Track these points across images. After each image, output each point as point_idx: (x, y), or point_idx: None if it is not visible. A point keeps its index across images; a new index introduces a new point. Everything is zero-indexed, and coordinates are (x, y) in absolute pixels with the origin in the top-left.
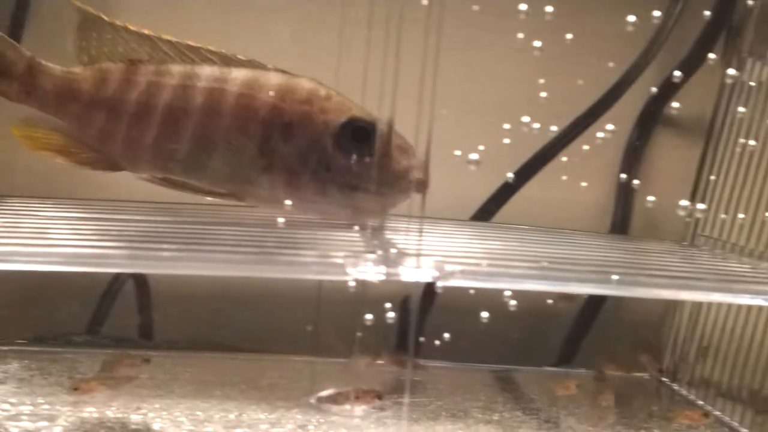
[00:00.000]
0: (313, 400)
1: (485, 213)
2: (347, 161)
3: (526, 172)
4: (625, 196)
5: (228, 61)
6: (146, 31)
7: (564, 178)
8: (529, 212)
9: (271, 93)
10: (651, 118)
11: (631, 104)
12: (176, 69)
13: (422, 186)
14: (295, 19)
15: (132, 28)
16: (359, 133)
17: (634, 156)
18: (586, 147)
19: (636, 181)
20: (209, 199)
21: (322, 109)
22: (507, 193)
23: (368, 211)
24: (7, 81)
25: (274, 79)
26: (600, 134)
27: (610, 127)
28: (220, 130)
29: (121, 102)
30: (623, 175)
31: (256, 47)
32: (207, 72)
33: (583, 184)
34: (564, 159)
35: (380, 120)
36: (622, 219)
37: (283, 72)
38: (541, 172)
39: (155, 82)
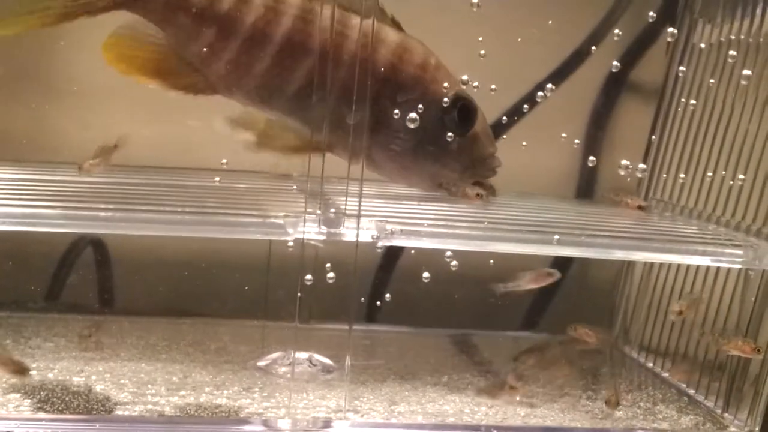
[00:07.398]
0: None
1: None
2: (444, 135)
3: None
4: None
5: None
6: None
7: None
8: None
9: (390, 51)
10: (615, 83)
11: (596, 69)
12: (294, 1)
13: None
14: None
15: None
16: (462, 111)
17: (598, 121)
18: (551, 112)
19: (595, 156)
20: None
21: (434, 78)
22: None
23: (444, 188)
24: None
25: (392, 35)
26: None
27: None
28: (337, 78)
29: (235, 22)
30: (577, 141)
31: None
32: (328, 12)
33: (549, 149)
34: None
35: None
36: (586, 184)
37: (396, 27)
38: (506, 138)
39: (273, 8)
